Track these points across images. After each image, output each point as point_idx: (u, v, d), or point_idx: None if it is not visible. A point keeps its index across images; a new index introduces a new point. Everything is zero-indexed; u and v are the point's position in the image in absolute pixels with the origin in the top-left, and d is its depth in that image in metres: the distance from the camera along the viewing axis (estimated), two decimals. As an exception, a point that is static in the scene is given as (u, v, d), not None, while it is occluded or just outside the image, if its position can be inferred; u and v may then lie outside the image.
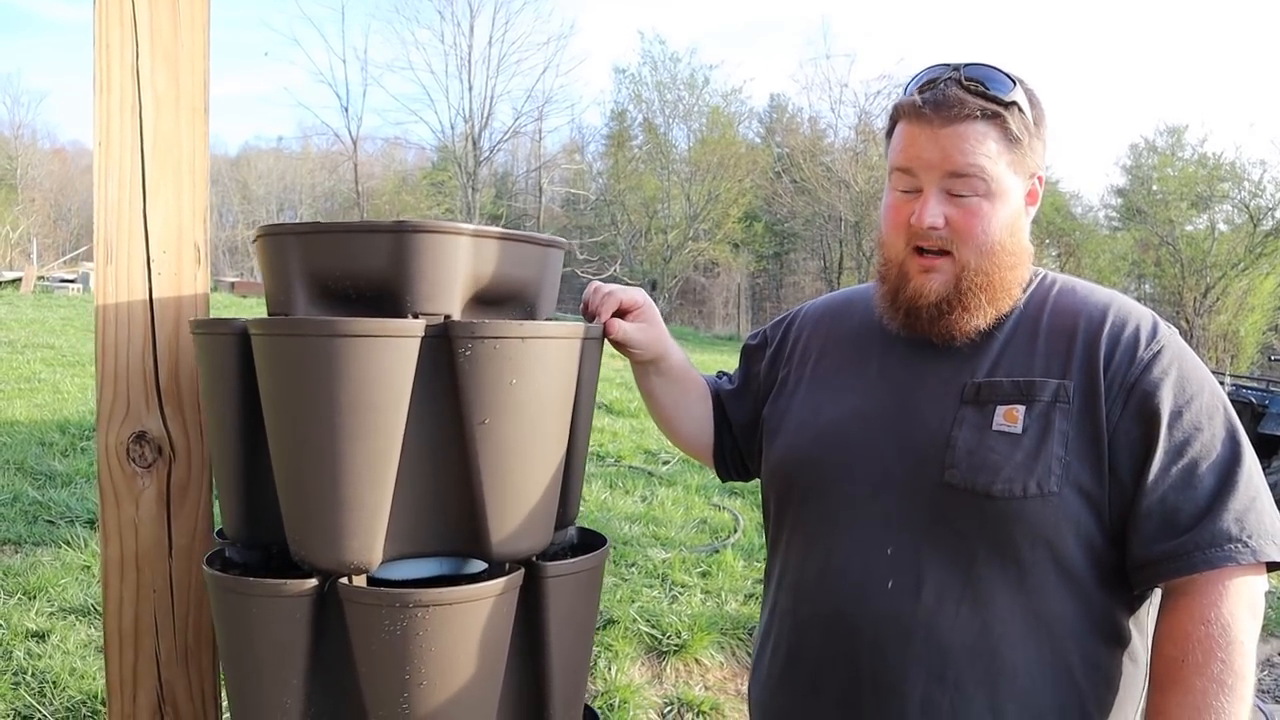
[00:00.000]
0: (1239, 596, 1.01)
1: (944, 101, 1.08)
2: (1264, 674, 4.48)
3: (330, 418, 0.97)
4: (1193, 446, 1.05)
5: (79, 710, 2.44)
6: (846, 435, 1.18)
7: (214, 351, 1.10)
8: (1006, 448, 1.07)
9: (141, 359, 1.30)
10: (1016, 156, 1.10)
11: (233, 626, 1.05)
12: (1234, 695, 0.98)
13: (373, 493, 0.99)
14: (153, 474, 1.31)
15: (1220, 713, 0.97)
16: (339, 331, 0.95)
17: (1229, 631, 1.00)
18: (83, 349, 8.56)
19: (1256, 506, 1.03)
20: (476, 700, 1.04)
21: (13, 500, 4.04)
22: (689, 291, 28.57)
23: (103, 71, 1.26)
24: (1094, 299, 1.16)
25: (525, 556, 1.08)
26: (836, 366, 1.27)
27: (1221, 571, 1.01)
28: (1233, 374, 8.01)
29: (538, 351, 1.03)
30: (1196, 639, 1.00)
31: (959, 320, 1.12)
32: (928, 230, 1.10)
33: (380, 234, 1.03)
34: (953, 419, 1.11)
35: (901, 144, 1.12)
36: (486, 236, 1.08)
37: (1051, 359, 1.11)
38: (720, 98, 28.45)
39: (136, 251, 1.29)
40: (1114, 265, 23.91)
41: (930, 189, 1.10)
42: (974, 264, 1.10)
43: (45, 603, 3.01)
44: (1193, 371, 1.09)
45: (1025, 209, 1.15)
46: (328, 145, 29.32)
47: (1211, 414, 1.07)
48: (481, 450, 1.01)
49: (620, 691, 2.99)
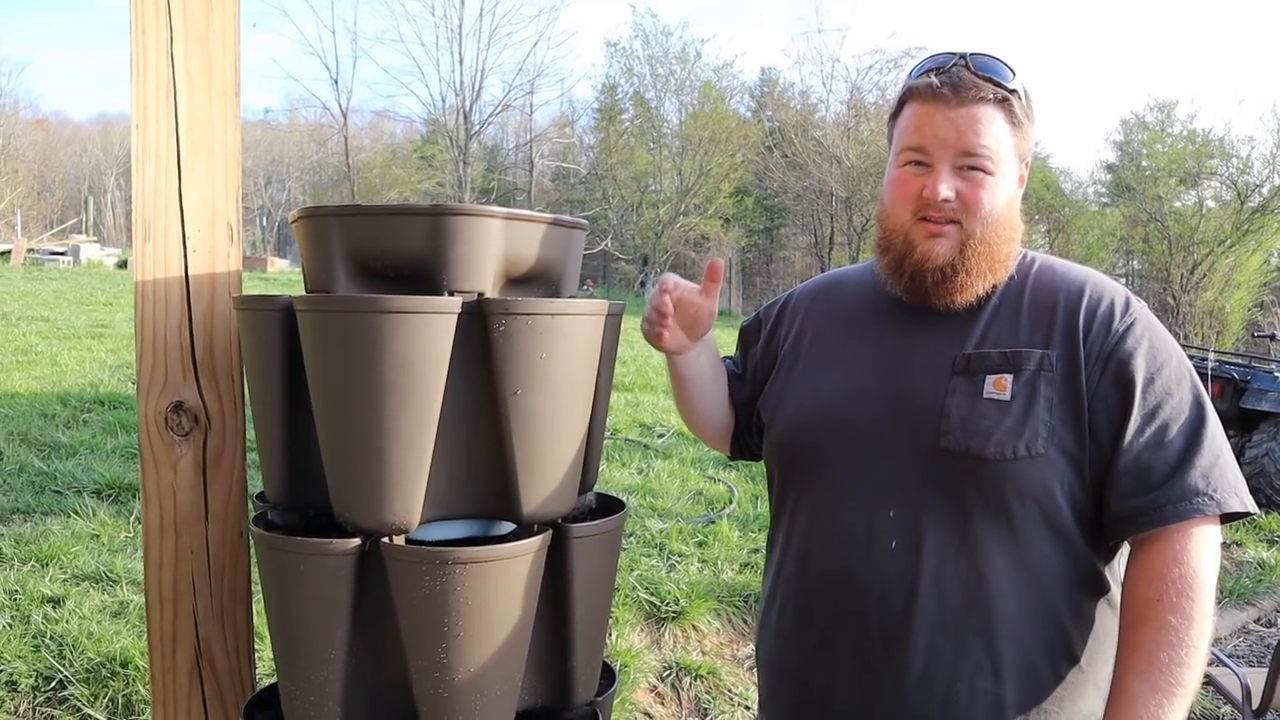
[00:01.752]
0: (1205, 543, 1.13)
1: (960, 84, 1.17)
2: (1239, 639, 4.62)
3: (373, 389, 1.03)
4: (1164, 410, 1.15)
5: (99, 671, 2.51)
6: (846, 409, 1.26)
7: (258, 326, 1.16)
8: (997, 414, 1.15)
9: (179, 333, 1.36)
10: (1017, 139, 1.20)
11: (280, 583, 1.12)
12: (1201, 631, 1.10)
13: (413, 459, 1.06)
14: (190, 442, 1.37)
15: (1193, 646, 1.09)
16: (383, 308, 1.02)
17: (1199, 575, 1.11)
18: (77, 322, 8.56)
19: (1220, 463, 1.14)
20: (508, 650, 1.12)
21: (19, 471, 4.09)
22: (680, 266, 28.58)
23: (139, 57, 1.31)
24: (1071, 275, 1.25)
25: (552, 519, 1.15)
26: (830, 344, 1.34)
27: (1190, 522, 1.12)
28: (1216, 350, 8.12)
29: (566, 327, 1.10)
30: (1170, 580, 1.11)
31: (961, 284, 1.20)
32: (941, 202, 1.17)
33: (418, 216, 1.09)
34: (945, 389, 1.19)
35: (915, 123, 1.20)
36: (517, 219, 1.14)
37: (1035, 331, 1.19)
38: (712, 72, 28.35)
39: (173, 230, 1.35)
40: (1102, 241, 24.04)
41: (943, 165, 1.18)
42: (979, 233, 1.19)
43: (58, 570, 3.08)
44: (1162, 341, 1.20)
45: (1017, 190, 1.25)
46: (316, 118, 29.10)
47: (1179, 380, 1.17)
48: (513, 419, 1.09)
49: (621, 656, 3.09)
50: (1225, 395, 6.73)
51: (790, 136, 25.86)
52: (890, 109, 1.28)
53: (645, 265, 26.55)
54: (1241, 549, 5.65)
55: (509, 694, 1.15)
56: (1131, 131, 25.76)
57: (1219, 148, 23.06)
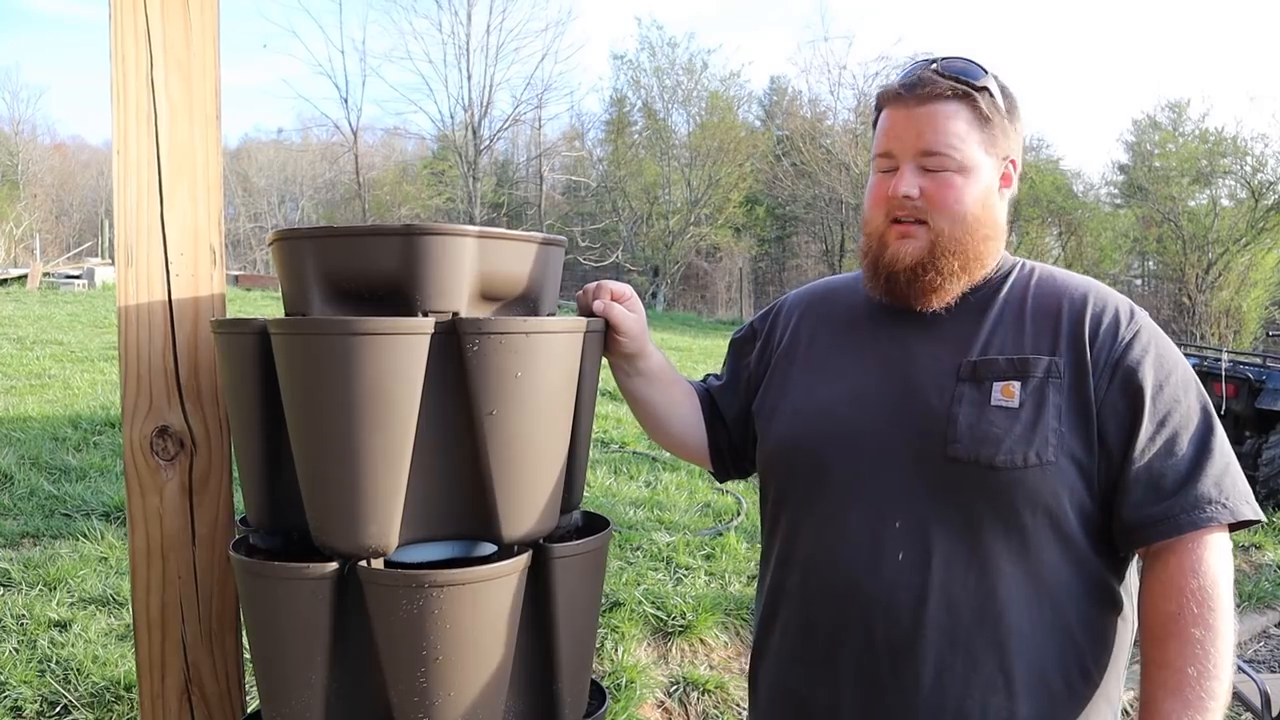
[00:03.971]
0: (1220, 552, 1.11)
1: (917, 82, 1.18)
2: (1259, 644, 4.55)
3: (347, 411, 1.03)
4: (1173, 418, 1.13)
5: (103, 696, 2.52)
6: (845, 416, 1.23)
7: (235, 350, 1.16)
8: (1006, 421, 1.13)
9: (162, 357, 1.36)
10: (987, 136, 1.19)
11: (259, 608, 1.12)
12: (1226, 640, 1.08)
13: (388, 481, 1.05)
14: (175, 466, 1.37)
15: (1219, 657, 1.08)
16: (354, 330, 1.01)
17: (1218, 584, 1.10)
18: (90, 345, 8.63)
19: (1230, 471, 1.13)
20: (490, 674, 1.11)
21: (29, 494, 4.12)
22: (691, 276, 28.57)
23: (119, 82, 1.32)
24: (1073, 283, 1.24)
25: (533, 539, 1.14)
26: (826, 350, 1.32)
27: (1204, 530, 1.10)
28: (1231, 350, 8.03)
29: (542, 345, 1.09)
30: (1190, 592, 1.09)
31: (933, 283, 1.19)
32: (903, 199, 1.18)
33: (390, 237, 1.09)
34: (952, 396, 1.17)
35: (882, 128, 1.22)
36: (490, 237, 1.14)
37: (1040, 338, 1.18)
38: (719, 82, 28.38)
39: (155, 254, 1.35)
40: (1116, 243, 23.87)
41: (906, 164, 1.19)
42: (948, 231, 1.18)
43: (65, 593, 3.09)
44: (1167, 350, 1.18)
45: (1000, 190, 1.23)
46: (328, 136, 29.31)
47: (1186, 388, 1.16)
48: (490, 439, 1.08)
49: (627, 671, 3.06)
50: (1241, 395, 6.66)
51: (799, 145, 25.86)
52: (873, 120, 1.29)
53: (656, 276, 26.57)
54: (1261, 552, 5.58)
55: (493, 718, 1.14)
56: (1143, 132, 25.62)
57: (1232, 146, 22.88)
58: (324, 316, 1.11)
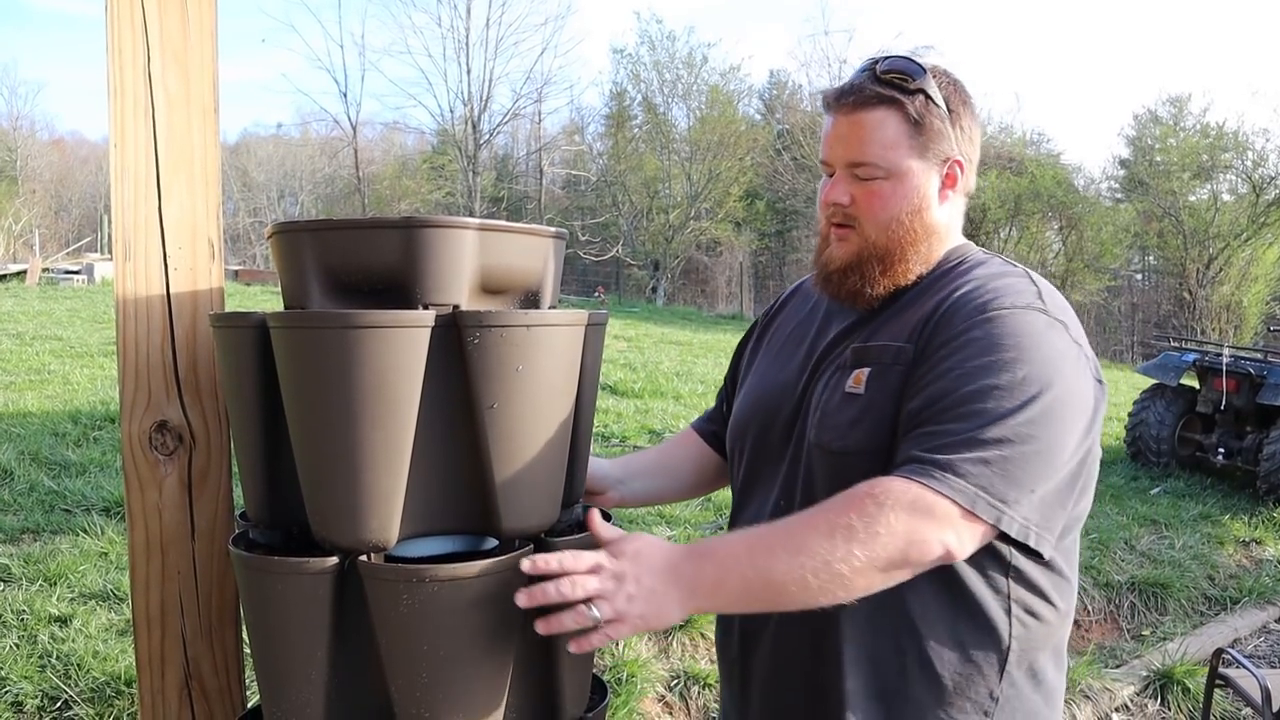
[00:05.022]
0: (916, 509, 1.01)
1: (846, 90, 1.19)
2: (1259, 640, 4.55)
3: (347, 405, 1.02)
4: (972, 383, 1.06)
5: (104, 691, 2.51)
6: (766, 402, 1.32)
7: (233, 344, 1.15)
8: (848, 408, 1.17)
9: (161, 351, 1.35)
10: (920, 141, 1.18)
11: (258, 603, 1.11)
12: (827, 548, 0.99)
13: (389, 475, 1.05)
14: (174, 461, 1.36)
15: (806, 549, 0.99)
16: (353, 323, 1.01)
17: (879, 518, 1.00)
18: (90, 340, 8.62)
19: (994, 470, 1.03)
20: (491, 668, 1.10)
21: (29, 490, 4.11)
22: (692, 271, 28.54)
23: (116, 75, 1.31)
24: (983, 274, 1.19)
25: (534, 533, 1.14)
26: (783, 340, 1.39)
27: (913, 482, 1.02)
28: (1232, 345, 8.03)
29: (543, 338, 1.08)
30: (851, 495, 1.03)
31: (856, 285, 1.22)
32: (834, 207, 1.22)
33: (390, 229, 1.08)
34: (825, 384, 1.23)
35: (823, 135, 1.25)
36: (491, 230, 1.13)
37: (909, 326, 1.19)
38: (719, 76, 28.31)
39: (153, 248, 1.34)
40: (1116, 237, 23.80)
41: (840, 172, 1.21)
42: (873, 238, 1.21)
43: (66, 589, 3.08)
44: (1017, 341, 1.08)
45: (942, 191, 1.21)
46: (327, 131, 29.23)
47: (1011, 379, 1.06)
48: (491, 433, 1.07)
49: (628, 666, 3.06)
50: (1242, 391, 6.65)
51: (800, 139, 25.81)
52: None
53: (656, 271, 26.53)
54: (1261, 547, 5.57)
55: (494, 713, 1.13)
56: (1144, 126, 25.56)
57: (1233, 141, 22.84)
58: (323, 310, 1.11)
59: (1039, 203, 22.31)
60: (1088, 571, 4.67)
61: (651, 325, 14.12)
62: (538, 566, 1.02)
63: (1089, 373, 1.13)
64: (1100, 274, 23.88)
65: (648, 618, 1.03)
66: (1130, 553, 5.08)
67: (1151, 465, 7.00)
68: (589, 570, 1.03)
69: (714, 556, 1.04)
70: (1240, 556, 5.41)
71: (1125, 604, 4.62)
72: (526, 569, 1.03)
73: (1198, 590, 4.85)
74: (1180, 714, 3.70)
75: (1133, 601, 4.64)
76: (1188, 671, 3.81)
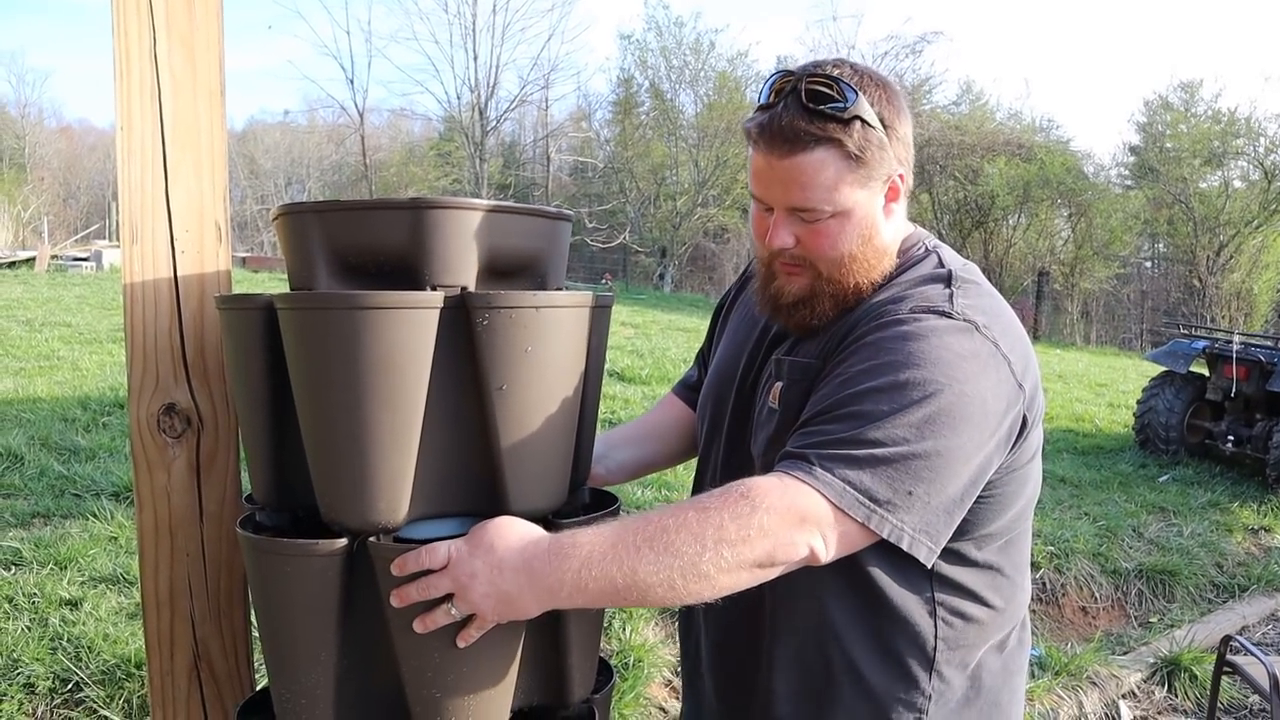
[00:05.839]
0: (792, 508, 1.00)
1: (779, 134, 1.10)
2: (1268, 627, 4.54)
3: (355, 387, 1.02)
4: (855, 386, 1.06)
5: (114, 673, 2.53)
6: (719, 387, 1.35)
7: (240, 326, 1.15)
8: (769, 423, 1.20)
9: (169, 335, 1.35)
10: (862, 173, 1.12)
11: (268, 586, 1.11)
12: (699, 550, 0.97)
13: (397, 457, 1.05)
14: (182, 444, 1.37)
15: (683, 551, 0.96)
16: (362, 304, 1.00)
17: (755, 513, 0.98)
18: (99, 326, 8.66)
19: (869, 468, 1.01)
20: (501, 649, 1.10)
21: (40, 475, 4.14)
22: (699, 258, 28.50)
23: (122, 57, 1.30)
24: (904, 281, 1.18)
25: (542, 515, 1.14)
26: (740, 319, 1.40)
27: (795, 479, 1.01)
28: (1242, 332, 7.98)
29: (551, 320, 1.08)
30: (728, 489, 1.01)
31: (805, 319, 1.20)
32: (780, 251, 1.17)
33: (398, 210, 1.07)
34: (761, 385, 1.27)
35: (752, 169, 1.17)
36: (499, 211, 1.12)
37: (824, 342, 1.19)
38: (726, 62, 28.21)
39: (160, 231, 1.34)
40: (1126, 225, 23.69)
41: (779, 213, 1.16)
42: (827, 273, 1.17)
43: (76, 572, 3.10)
44: (908, 346, 1.06)
45: (885, 208, 1.18)
46: (334, 118, 29.21)
47: (894, 382, 1.04)
48: (499, 414, 1.07)
49: (635, 650, 3.07)
50: (1252, 378, 6.62)
51: (807, 126, 25.66)
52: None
53: (664, 257, 26.50)
54: (1270, 535, 5.56)
55: (503, 693, 1.13)
56: (1155, 113, 25.40)
57: (1245, 126, 22.68)
58: (331, 291, 1.10)
59: (1048, 190, 22.20)
60: (1096, 558, 4.67)
61: (659, 312, 14.11)
62: (403, 568, 1.03)
63: (1003, 373, 1.08)
64: (1109, 261, 23.78)
65: (504, 614, 1.03)
66: (1138, 540, 5.07)
67: (1160, 453, 6.98)
68: (442, 567, 1.03)
69: (576, 554, 0.99)
70: (1249, 544, 5.39)
71: (1133, 591, 4.62)
72: (396, 571, 1.04)
73: (1206, 578, 4.84)
74: (1188, 701, 3.70)
75: (1140, 589, 4.64)
76: (1195, 659, 3.80)
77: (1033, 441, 1.16)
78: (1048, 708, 3.43)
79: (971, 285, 1.16)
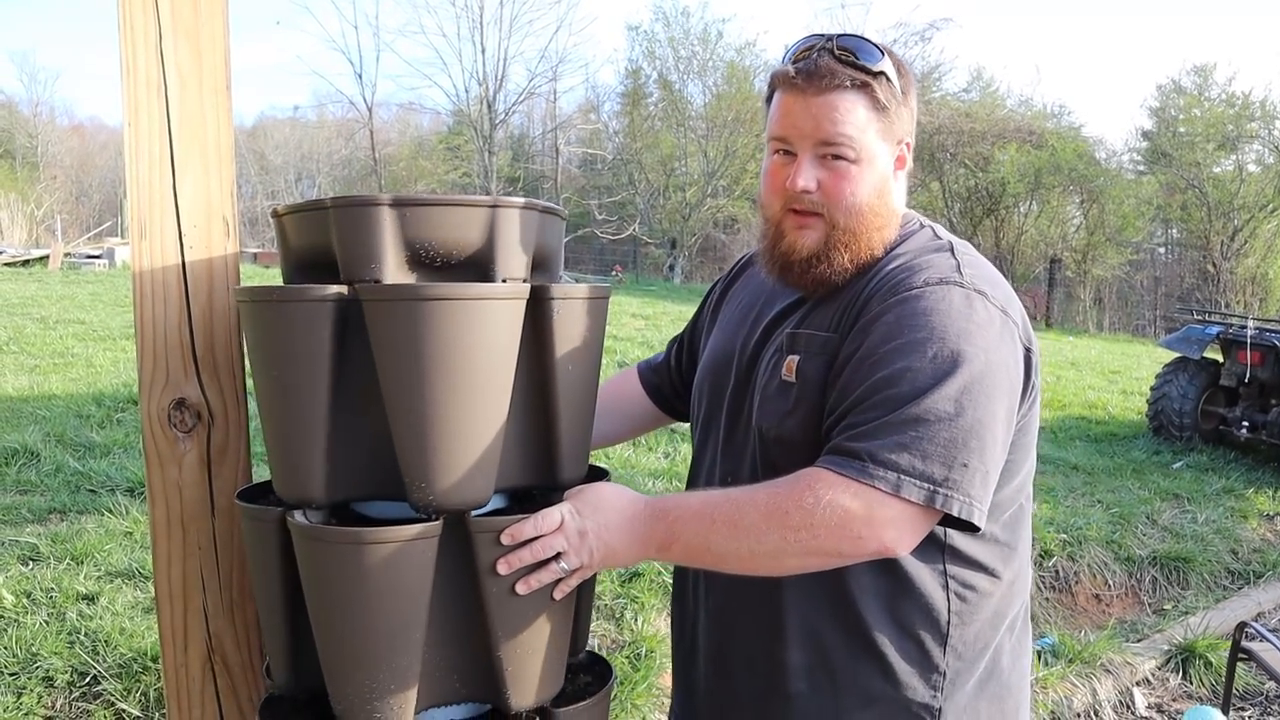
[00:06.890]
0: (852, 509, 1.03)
1: (816, 72, 1.15)
2: (1285, 613, 4.52)
3: (463, 374, 1.08)
4: (887, 367, 1.07)
5: (130, 666, 2.55)
6: (717, 371, 1.35)
7: (300, 319, 1.12)
8: (784, 396, 1.19)
9: (178, 330, 1.36)
10: (884, 124, 1.17)
11: (351, 579, 1.10)
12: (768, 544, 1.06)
13: (491, 438, 1.13)
14: (193, 438, 1.38)
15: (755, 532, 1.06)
16: (454, 295, 1.07)
17: (813, 518, 1.03)
18: (112, 324, 8.70)
19: (915, 449, 1.04)
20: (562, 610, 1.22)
21: (55, 471, 4.17)
22: (709, 249, 28.42)
23: (128, 54, 1.31)
24: (907, 252, 1.20)
25: (579, 482, 1.25)
26: (736, 306, 1.41)
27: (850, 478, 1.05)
28: (1257, 317, 7.92)
29: (601, 308, 1.24)
30: (798, 477, 1.07)
31: (823, 274, 1.20)
32: (801, 193, 1.18)
33: (478, 208, 1.15)
34: (765, 363, 1.25)
35: (778, 113, 1.20)
36: (549, 213, 1.25)
37: (836, 314, 1.20)
38: (734, 52, 28.07)
39: (169, 227, 1.35)
40: (1139, 210, 23.49)
41: (804, 155, 1.18)
42: (842, 223, 1.18)
43: (92, 567, 3.13)
44: (929, 320, 1.08)
45: (894, 174, 1.22)
46: (343, 113, 29.26)
47: (923, 358, 1.06)
48: (563, 395, 1.18)
49: (647, 641, 3.08)
50: (1267, 363, 6.57)
51: (816, 114, 25.55)
52: (765, 95, 1.27)
53: (673, 249, 26.45)
54: (1285, 520, 5.52)
55: (564, 655, 1.24)
56: (1168, 97, 25.15)
57: (1260, 110, 22.44)
58: (427, 283, 1.14)
59: (1060, 176, 22.03)
60: (1109, 546, 4.65)
61: (669, 304, 14.09)
62: (516, 536, 1.11)
63: (1016, 339, 1.12)
64: (1122, 248, 23.59)
65: (606, 565, 1.16)
66: (1152, 527, 5.05)
67: (1174, 439, 6.94)
68: (556, 530, 1.12)
69: (667, 518, 1.12)
70: (1264, 530, 5.36)
71: (1147, 578, 4.60)
72: (507, 541, 1.11)
73: (1220, 564, 4.82)
74: (1203, 688, 3.69)
75: (1154, 575, 4.62)
76: (1210, 645, 3.79)
77: (1037, 404, 1.20)
78: (1062, 695, 3.42)
79: (969, 255, 1.20)
